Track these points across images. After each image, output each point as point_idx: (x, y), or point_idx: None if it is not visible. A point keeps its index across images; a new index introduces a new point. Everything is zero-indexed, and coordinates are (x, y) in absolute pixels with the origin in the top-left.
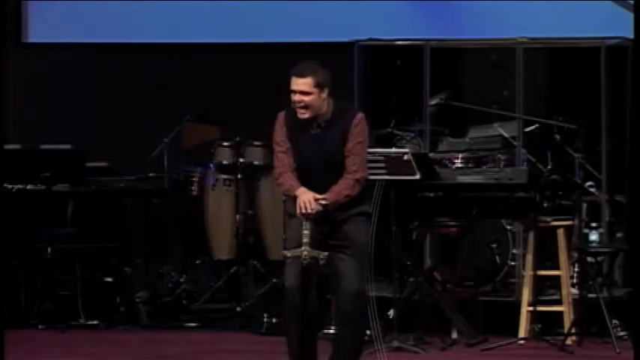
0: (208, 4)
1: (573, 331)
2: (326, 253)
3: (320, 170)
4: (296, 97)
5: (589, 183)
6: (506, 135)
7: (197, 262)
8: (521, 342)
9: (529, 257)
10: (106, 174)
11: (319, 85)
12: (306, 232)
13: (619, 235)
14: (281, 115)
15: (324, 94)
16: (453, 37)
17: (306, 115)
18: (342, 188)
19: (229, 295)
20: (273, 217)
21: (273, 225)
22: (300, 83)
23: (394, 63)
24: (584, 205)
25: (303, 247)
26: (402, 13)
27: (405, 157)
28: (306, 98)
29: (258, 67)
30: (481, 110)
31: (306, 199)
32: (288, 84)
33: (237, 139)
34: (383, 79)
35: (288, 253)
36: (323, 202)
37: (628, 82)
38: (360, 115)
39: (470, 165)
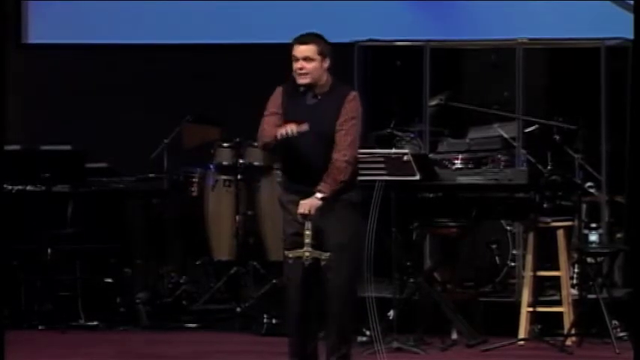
0: (208, 4)
1: (573, 331)
2: (328, 254)
3: (312, 141)
4: (298, 64)
5: (589, 183)
6: (506, 136)
7: (197, 263)
8: (521, 343)
9: (529, 258)
10: (105, 175)
11: (322, 53)
12: (307, 232)
13: (619, 235)
14: (279, 88)
15: (326, 64)
16: (453, 38)
17: (307, 80)
18: (336, 175)
19: (229, 295)
20: (273, 218)
21: (273, 226)
22: (303, 50)
23: (394, 63)
24: (584, 206)
25: (304, 248)
26: (401, 13)
27: (405, 157)
28: (308, 65)
29: (258, 68)
30: (481, 111)
31: (289, 127)
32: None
33: (237, 139)
34: (383, 79)
35: (290, 254)
36: (319, 195)
37: (628, 83)
38: (354, 93)
39: (470, 166)
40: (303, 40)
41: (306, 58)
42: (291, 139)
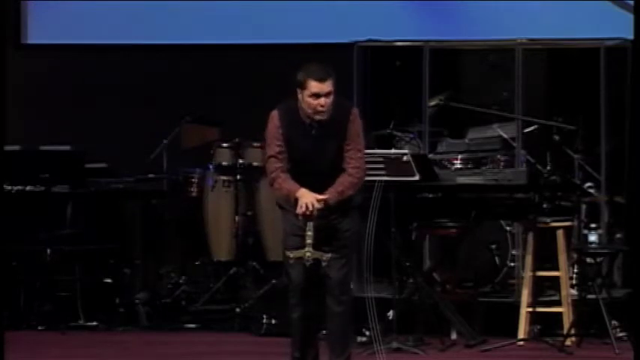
0: (208, 4)
1: (573, 332)
2: (329, 255)
3: (320, 169)
4: (321, 101)
5: (588, 184)
6: (505, 136)
7: (196, 263)
8: (521, 343)
9: (528, 258)
10: (105, 175)
11: (335, 85)
12: (309, 233)
13: (618, 235)
14: (275, 115)
15: None
16: (452, 38)
17: (326, 117)
18: (346, 187)
19: (228, 296)
20: (272, 218)
21: (273, 226)
22: (326, 86)
23: (393, 64)
24: (584, 206)
25: (306, 249)
26: (401, 13)
27: (405, 158)
28: (330, 100)
29: (257, 68)
30: (480, 111)
31: (309, 201)
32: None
33: (237, 140)
34: (382, 80)
35: (291, 254)
36: (323, 197)
37: (627, 83)
38: (355, 110)
39: (469, 166)
40: (322, 76)
41: (328, 94)
42: (301, 166)
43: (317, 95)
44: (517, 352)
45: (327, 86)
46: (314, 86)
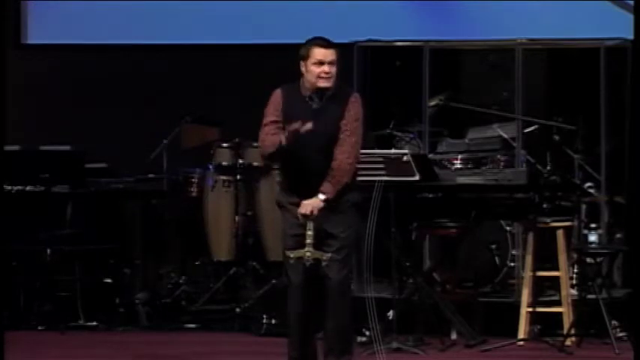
0: (208, 4)
1: (573, 332)
2: (329, 254)
3: (316, 144)
4: (325, 68)
5: (588, 184)
6: (505, 136)
7: (196, 264)
8: (521, 343)
9: (528, 258)
10: (105, 175)
11: (338, 57)
12: (309, 232)
13: (618, 236)
14: (277, 92)
15: None
16: (452, 38)
17: (330, 84)
18: (340, 176)
19: (228, 296)
20: (272, 218)
21: (273, 226)
22: (329, 54)
23: (393, 64)
24: (584, 206)
25: (306, 249)
26: (401, 14)
27: (405, 158)
28: (333, 69)
29: (257, 68)
30: (480, 111)
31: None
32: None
33: (237, 140)
34: (382, 80)
35: (291, 254)
36: (322, 197)
37: (627, 83)
38: (357, 94)
39: (469, 166)
40: (326, 43)
41: (332, 62)
42: (296, 144)
43: (321, 62)
44: (517, 352)
45: (330, 54)
46: (318, 53)
